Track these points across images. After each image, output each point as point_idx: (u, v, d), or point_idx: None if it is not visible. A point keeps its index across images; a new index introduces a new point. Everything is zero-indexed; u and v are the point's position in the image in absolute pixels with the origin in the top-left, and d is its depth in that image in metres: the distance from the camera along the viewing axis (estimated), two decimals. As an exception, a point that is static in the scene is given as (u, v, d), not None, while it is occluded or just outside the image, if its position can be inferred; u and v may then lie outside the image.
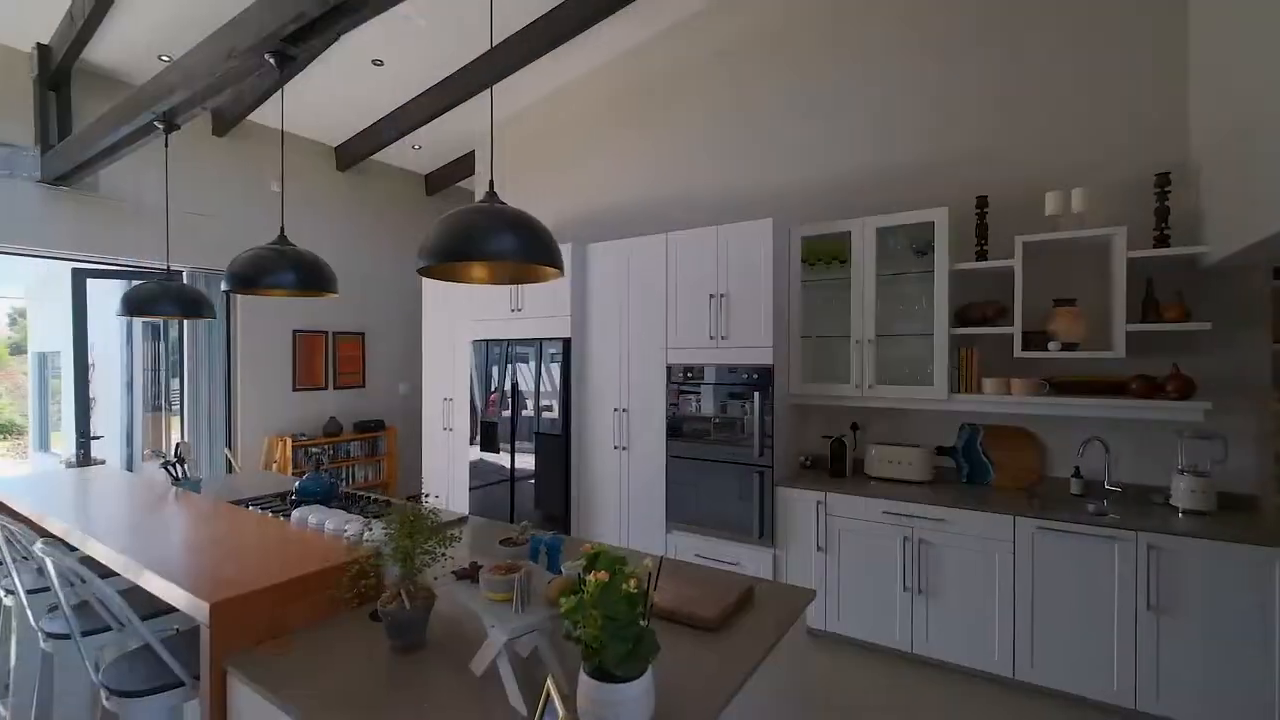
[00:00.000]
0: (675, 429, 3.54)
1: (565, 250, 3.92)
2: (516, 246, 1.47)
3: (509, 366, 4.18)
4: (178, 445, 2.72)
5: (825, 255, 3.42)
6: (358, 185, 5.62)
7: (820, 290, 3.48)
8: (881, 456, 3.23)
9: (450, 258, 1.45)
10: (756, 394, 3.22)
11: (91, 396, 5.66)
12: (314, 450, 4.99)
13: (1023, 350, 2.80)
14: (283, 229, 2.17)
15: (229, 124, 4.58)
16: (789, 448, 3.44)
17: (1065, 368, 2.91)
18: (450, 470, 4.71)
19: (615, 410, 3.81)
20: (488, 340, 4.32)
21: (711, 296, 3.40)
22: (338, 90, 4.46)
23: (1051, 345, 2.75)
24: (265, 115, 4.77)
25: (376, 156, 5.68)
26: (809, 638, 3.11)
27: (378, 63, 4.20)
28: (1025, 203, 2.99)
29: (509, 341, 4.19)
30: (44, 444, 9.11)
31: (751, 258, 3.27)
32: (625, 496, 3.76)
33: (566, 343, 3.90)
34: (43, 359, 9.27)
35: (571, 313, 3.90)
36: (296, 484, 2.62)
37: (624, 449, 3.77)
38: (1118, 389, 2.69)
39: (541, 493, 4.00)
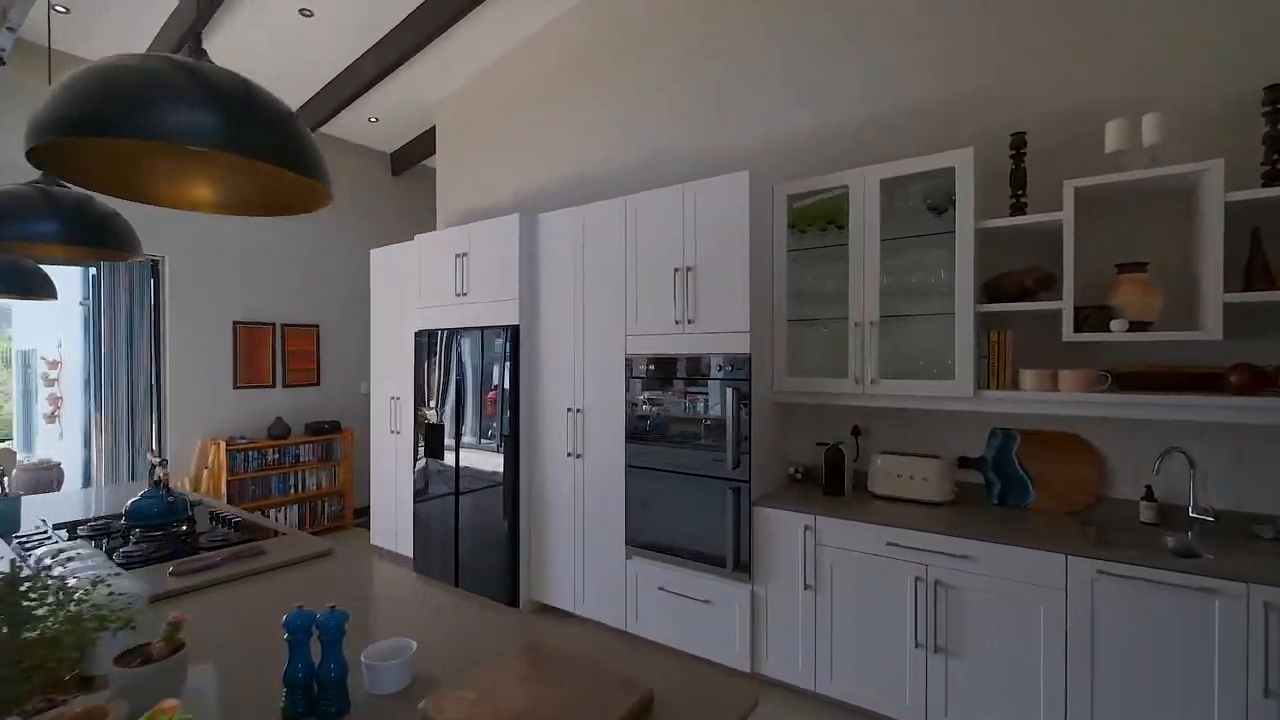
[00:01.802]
0: (636, 433, 2.91)
1: (510, 221, 3.33)
2: (221, 124, 0.87)
3: (453, 360, 3.60)
4: (-6, 453, 2.19)
5: (817, 219, 2.75)
6: (312, 163, 5.10)
7: (811, 263, 2.82)
8: (888, 469, 2.56)
9: (85, 128, 0.84)
10: (730, 390, 2.58)
11: (59, 395, 5.25)
12: (253, 454, 4.49)
13: (1075, 332, 2.12)
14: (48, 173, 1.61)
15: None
16: (771, 457, 2.78)
17: (1134, 354, 2.21)
18: (397, 478, 4.15)
19: (568, 411, 3.20)
20: (431, 330, 3.75)
21: (676, 271, 2.76)
22: (267, 49, 3.94)
23: (1115, 325, 2.05)
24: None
25: (334, 132, 5.17)
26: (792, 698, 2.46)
27: (306, 12, 3.65)
28: (1076, 138, 2.30)
29: (452, 331, 3.60)
30: (29, 445, 8.91)
31: (724, 222, 2.62)
32: (580, 513, 3.15)
33: (514, 331, 3.30)
34: (24, 357, 9.07)
35: (519, 295, 3.30)
36: (129, 504, 2.06)
37: (578, 456, 3.15)
38: (1209, 382, 1.98)
39: (485, 512, 3.40)
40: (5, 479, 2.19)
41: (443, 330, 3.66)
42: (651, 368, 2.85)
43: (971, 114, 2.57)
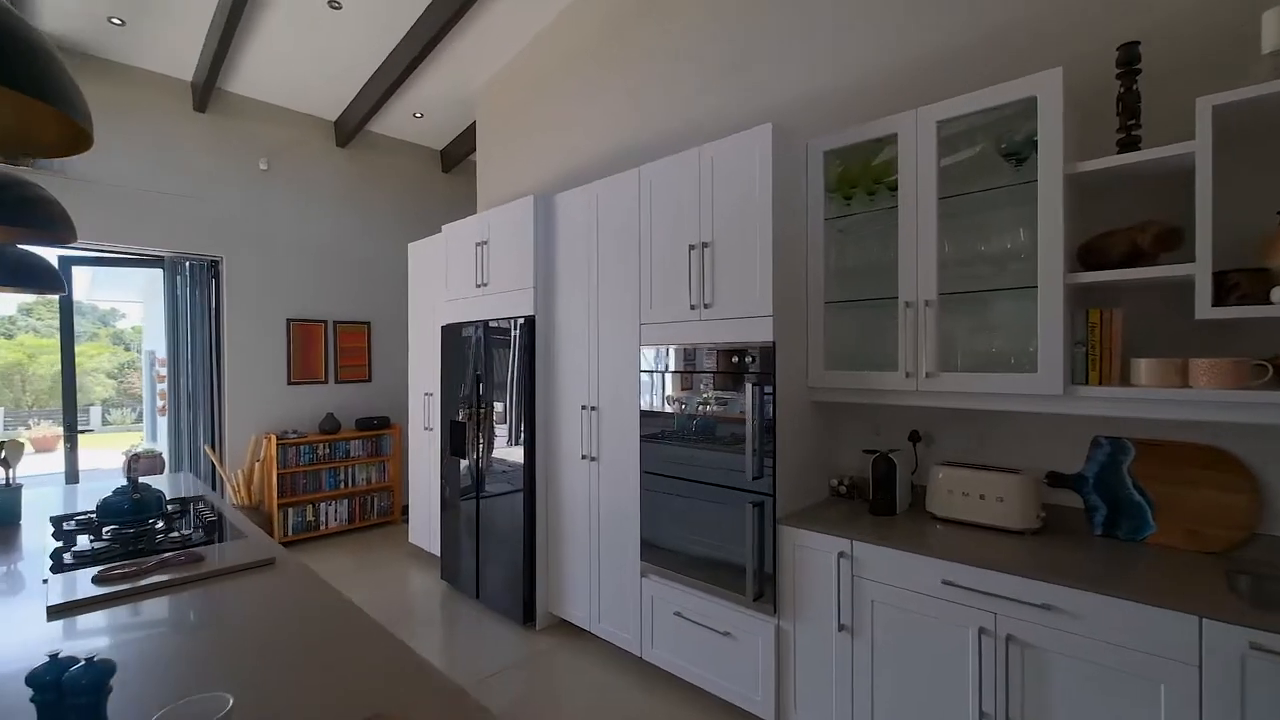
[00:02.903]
0: (651, 435, 2.57)
1: (524, 204, 3.08)
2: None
3: (475, 355, 3.42)
4: (4, 444, 2.22)
5: (862, 179, 2.28)
6: (363, 162, 5.18)
7: (854, 233, 2.35)
8: (951, 485, 2.05)
9: None
10: (750, 386, 2.17)
11: (166, 390, 5.72)
12: (304, 449, 4.58)
13: (1216, 306, 1.53)
14: (-32, 140, 1.53)
15: (208, 97, 4.25)
16: (805, 466, 2.33)
17: (1306, 337, 1.59)
18: (430, 476, 4.05)
19: (583, 408, 2.90)
20: (455, 324, 3.59)
21: (692, 248, 2.38)
22: (303, 45, 3.96)
23: (1277, 295, 1.46)
24: (254, 87, 4.42)
25: (383, 130, 5.22)
26: (826, 764, 2.01)
27: (335, 4, 3.62)
28: (1209, 44, 1.70)
29: (473, 325, 3.42)
30: (154, 435, 9.95)
31: (745, 188, 2.22)
32: (595, 522, 2.84)
33: (529, 322, 3.06)
34: (149, 357, 10.14)
35: (534, 284, 3.05)
36: (99, 500, 2.00)
37: (593, 459, 2.85)
38: None
39: (504, 516, 3.18)
40: (11, 470, 2.22)
41: (465, 324, 3.49)
42: (666, 360, 2.49)
43: (1061, 28, 1.99)
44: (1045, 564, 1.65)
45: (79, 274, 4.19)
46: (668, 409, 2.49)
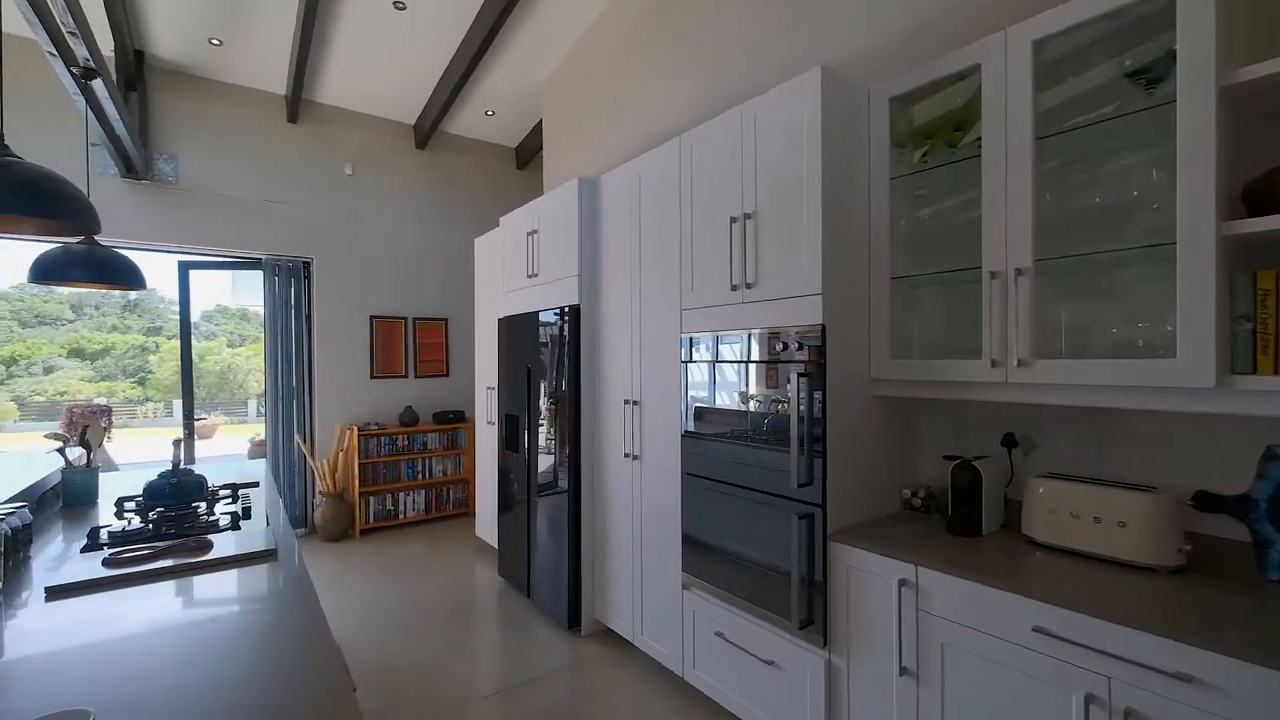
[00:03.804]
0: (693, 433, 2.31)
1: (569, 189, 2.94)
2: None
3: (526, 346, 3.33)
4: (84, 427, 2.41)
5: (939, 128, 1.88)
6: (441, 163, 5.33)
7: (926, 194, 1.96)
8: (1056, 503, 1.61)
9: None
10: (797, 377, 1.85)
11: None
12: (384, 440, 4.78)
13: None
14: (0, 134, 1.60)
15: (298, 108, 4.53)
16: (867, 472, 1.97)
17: None
18: (491, 471, 4.04)
19: (625, 403, 2.70)
20: (510, 316, 3.53)
21: (733, 221, 2.10)
22: (374, 49, 4.09)
23: None
24: (337, 96, 4.67)
25: (457, 130, 5.34)
26: (885, 836, 1.66)
27: (399, 5, 3.70)
28: None
29: (525, 316, 3.34)
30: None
31: (791, 147, 1.90)
32: (638, 528, 2.63)
33: (574, 312, 2.90)
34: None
35: (579, 271, 2.89)
36: (145, 484, 2.09)
37: (635, 458, 2.64)
38: None
39: (551, 515, 3.06)
40: (91, 453, 2.40)
41: (518, 316, 3.42)
42: (708, 349, 2.23)
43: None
44: (1187, 617, 1.21)
45: (220, 277, 4.62)
46: (710, 404, 2.22)
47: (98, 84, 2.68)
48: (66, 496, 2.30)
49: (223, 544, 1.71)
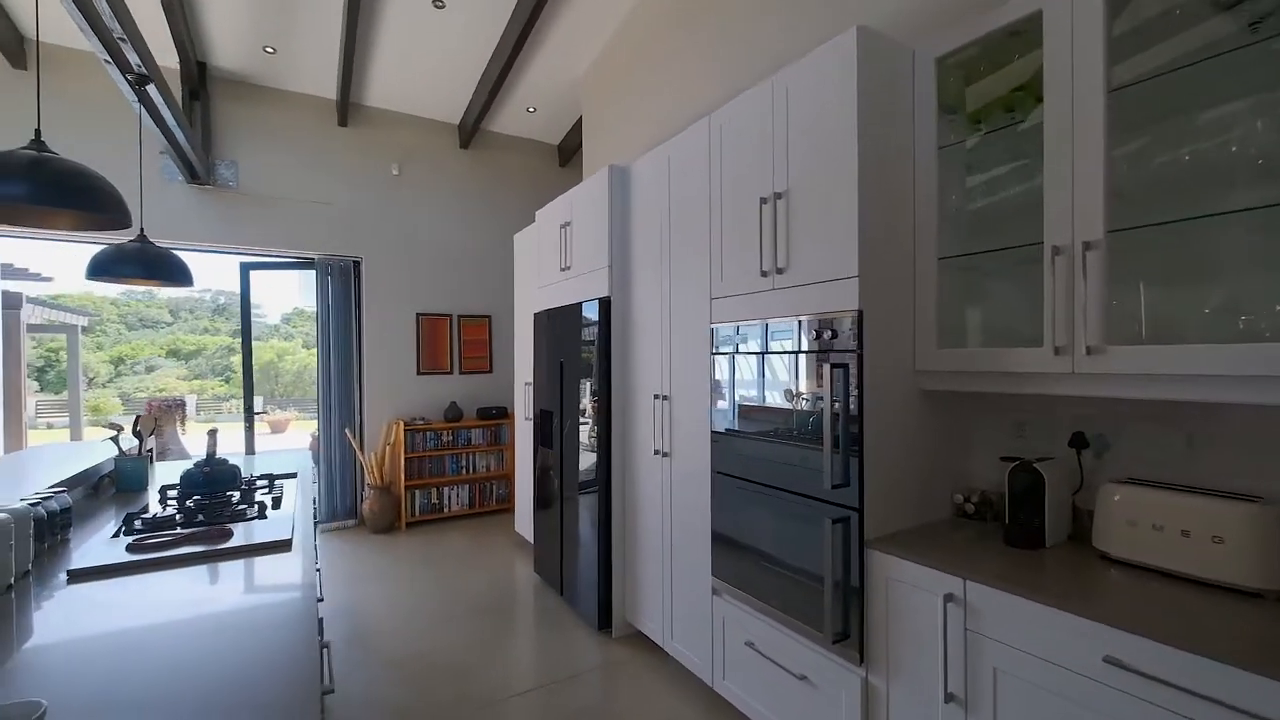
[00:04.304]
0: (722, 430, 2.18)
1: (600, 177, 2.86)
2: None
3: (558, 341, 3.28)
4: (137, 418, 2.53)
5: (993, 90, 1.67)
6: (484, 161, 5.38)
7: (980, 164, 1.75)
8: (1135, 512, 1.40)
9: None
10: (830, 368, 1.70)
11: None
12: (429, 435, 4.86)
13: None
14: (38, 130, 1.66)
15: (347, 112, 4.67)
16: (905, 473, 1.78)
17: None
18: (528, 467, 4.02)
19: (655, 397, 2.59)
20: (544, 310, 3.50)
21: (764, 202, 1.96)
22: (416, 48, 4.15)
23: None
24: (384, 98, 4.78)
25: (500, 129, 5.38)
26: None
27: (438, 3, 3.73)
28: None
29: (558, 310, 3.29)
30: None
31: (824, 118, 1.74)
32: (668, 528, 2.52)
33: (604, 304, 2.82)
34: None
35: (610, 262, 2.81)
36: (182, 473, 2.16)
37: (665, 455, 2.53)
38: None
39: (583, 512, 2.99)
40: (142, 441, 2.51)
41: (551, 310, 3.37)
42: (737, 340, 2.09)
43: None
44: (1300, 655, 1.00)
45: (287, 278, 4.83)
46: (741, 398, 2.09)
47: (154, 92, 2.81)
48: (119, 483, 2.41)
49: (245, 533, 1.72)
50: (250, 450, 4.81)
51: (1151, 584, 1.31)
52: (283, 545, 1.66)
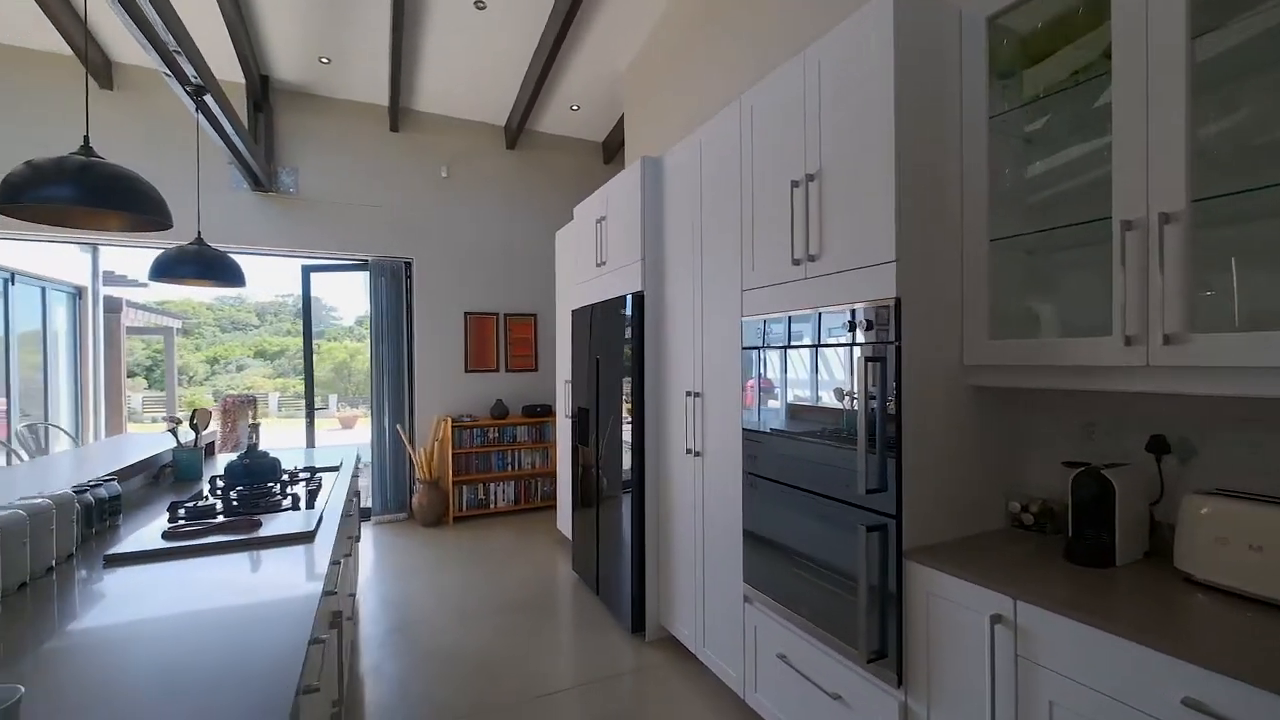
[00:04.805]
0: (754, 428, 2.06)
1: (633, 170, 2.79)
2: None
3: (594, 337, 3.24)
4: (194, 413, 2.67)
5: (1049, 49, 1.49)
6: (530, 161, 5.43)
7: (1038, 134, 1.56)
8: (1225, 528, 1.19)
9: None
10: (864, 362, 1.56)
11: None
12: (476, 431, 4.94)
13: None
14: (86, 138, 1.75)
15: (398, 117, 4.82)
16: (948, 478, 1.61)
17: None
18: (567, 465, 4.00)
19: (687, 394, 2.50)
20: (581, 307, 3.46)
21: (795, 185, 1.83)
22: (462, 51, 4.22)
23: None
24: (433, 102, 4.90)
25: (545, 128, 5.41)
26: None
27: (479, 4, 3.77)
28: None
29: (593, 306, 3.24)
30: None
31: (860, 90, 1.61)
32: (700, 532, 2.42)
33: (637, 299, 2.75)
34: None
35: (643, 255, 2.74)
36: (226, 464, 2.24)
37: (697, 454, 2.43)
38: None
39: (617, 512, 2.93)
40: (199, 433, 2.65)
41: (587, 306, 3.34)
42: (768, 333, 1.97)
43: None
44: None
45: (353, 281, 5.04)
46: (772, 395, 1.97)
47: (212, 103, 2.97)
48: (177, 472, 2.54)
49: (273, 524, 1.76)
50: (311, 444, 5.04)
51: (1245, 614, 1.11)
52: (305, 538, 1.68)
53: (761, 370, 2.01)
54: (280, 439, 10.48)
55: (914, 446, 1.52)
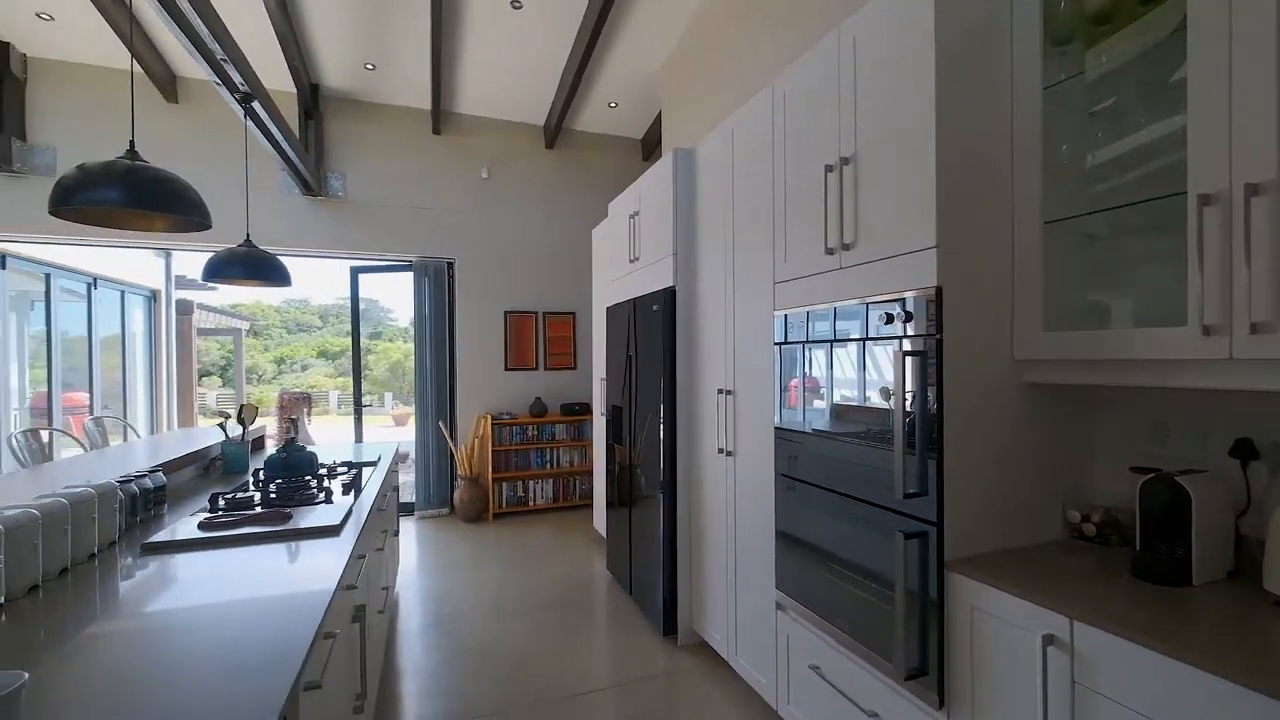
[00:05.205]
0: (786, 427, 1.97)
1: (665, 162, 2.73)
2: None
3: (627, 335, 3.20)
4: (240, 407, 2.77)
5: (1111, 8, 1.34)
6: (569, 159, 5.44)
7: (1100, 105, 1.41)
8: (1327, 549, 1.03)
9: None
10: (903, 357, 1.45)
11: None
12: (515, 429, 4.99)
13: None
14: (132, 143, 1.82)
15: (440, 120, 4.91)
16: (997, 483, 1.48)
17: None
18: (602, 464, 3.97)
19: (719, 392, 2.42)
20: (615, 304, 3.42)
21: (829, 170, 1.73)
22: (500, 52, 4.26)
23: None
24: (474, 104, 4.97)
25: (584, 126, 5.41)
26: None
27: (516, 4, 3.79)
28: None
29: (626, 303, 3.20)
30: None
31: (897, 66, 1.49)
32: (732, 534, 2.34)
33: (669, 295, 2.69)
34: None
35: (675, 249, 2.67)
36: (266, 458, 2.31)
37: (729, 454, 2.35)
38: None
39: (649, 512, 2.88)
40: (245, 428, 2.75)
41: (621, 303, 3.30)
42: (801, 328, 1.87)
43: None
44: None
45: (405, 282, 5.14)
46: (807, 392, 1.87)
47: (261, 110, 3.08)
48: (225, 465, 2.65)
49: (302, 517, 1.79)
50: (359, 439, 5.20)
51: (1354, 647, 0.96)
52: (331, 531, 1.69)
53: (794, 367, 1.91)
54: (336, 435, 10.94)
55: (957, 448, 1.40)
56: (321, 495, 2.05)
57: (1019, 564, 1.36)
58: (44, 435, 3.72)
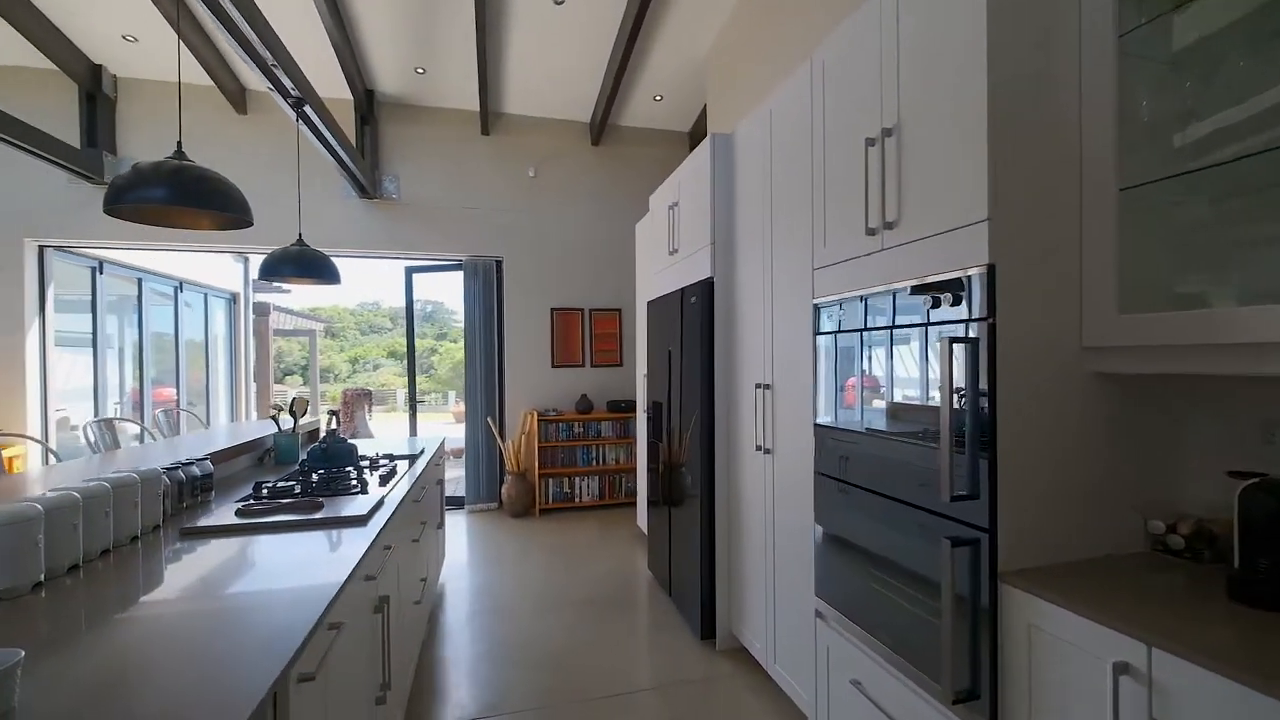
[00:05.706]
0: (826, 423, 1.84)
1: (702, 149, 2.64)
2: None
3: (667, 329, 3.12)
4: (293, 400, 2.88)
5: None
6: (615, 156, 5.41)
7: (1186, 57, 1.21)
8: None
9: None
10: (951, 344, 1.30)
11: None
12: (561, 426, 5.00)
13: None
14: (179, 143, 1.89)
15: (488, 121, 4.99)
16: (1061, 486, 1.30)
17: None
18: (645, 461, 3.91)
19: (757, 387, 2.30)
20: (655, 298, 3.35)
21: (870, 143, 1.59)
22: (544, 49, 4.27)
23: None
24: (520, 104, 5.03)
25: (630, 122, 5.37)
26: None
27: (558, 1, 3.79)
28: None
29: (666, 296, 3.12)
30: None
31: (943, 27, 1.35)
32: (770, 536, 2.22)
33: (706, 286, 2.60)
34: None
35: (712, 240, 2.57)
36: (309, 448, 2.38)
37: (767, 452, 2.23)
38: None
39: (688, 512, 2.79)
40: (296, 420, 2.85)
41: (661, 297, 3.22)
42: (840, 316, 1.74)
43: None
44: None
45: (446, 279, 5.35)
46: (847, 386, 1.74)
47: (313, 114, 3.20)
48: (277, 455, 2.76)
49: (335, 506, 1.82)
50: (413, 433, 5.37)
51: None
52: (358, 521, 1.71)
53: (835, 359, 1.78)
54: (396, 430, 11.42)
55: (1013, 446, 1.24)
56: (358, 486, 2.08)
57: (1087, 579, 1.19)
58: (117, 426, 4.03)
